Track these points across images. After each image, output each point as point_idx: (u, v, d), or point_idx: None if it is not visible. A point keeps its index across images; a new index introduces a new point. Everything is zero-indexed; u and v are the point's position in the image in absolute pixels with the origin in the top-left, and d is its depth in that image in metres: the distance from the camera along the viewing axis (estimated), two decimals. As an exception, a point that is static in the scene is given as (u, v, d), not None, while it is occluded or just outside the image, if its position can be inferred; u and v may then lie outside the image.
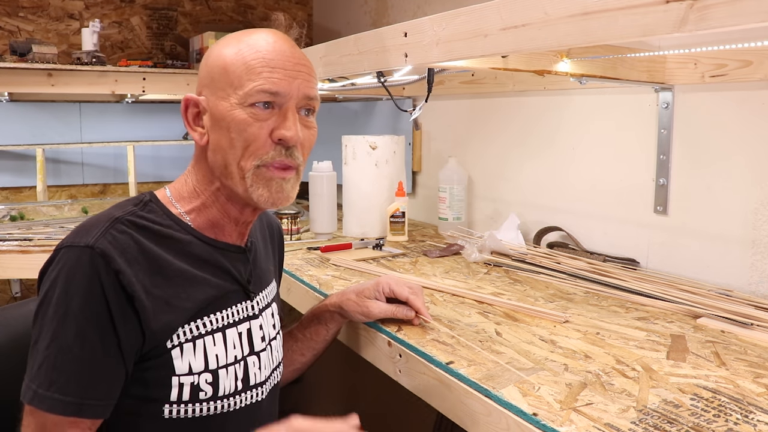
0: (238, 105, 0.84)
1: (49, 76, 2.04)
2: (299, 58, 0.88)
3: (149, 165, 2.54)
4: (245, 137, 0.84)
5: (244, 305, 0.92)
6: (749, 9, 0.57)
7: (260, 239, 1.03)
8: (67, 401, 0.74)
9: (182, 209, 0.89)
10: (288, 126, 0.84)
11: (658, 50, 1.27)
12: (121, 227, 0.81)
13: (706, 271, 1.33)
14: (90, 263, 0.76)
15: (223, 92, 0.85)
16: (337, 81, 1.73)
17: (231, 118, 0.84)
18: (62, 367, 0.75)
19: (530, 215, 1.75)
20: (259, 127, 0.84)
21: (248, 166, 0.85)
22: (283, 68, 0.85)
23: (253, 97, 0.83)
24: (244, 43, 0.86)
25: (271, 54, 0.85)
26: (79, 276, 0.76)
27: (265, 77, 0.83)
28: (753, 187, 1.24)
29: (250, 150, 0.84)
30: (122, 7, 2.52)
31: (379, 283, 1.06)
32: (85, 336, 0.75)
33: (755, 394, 0.80)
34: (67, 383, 0.75)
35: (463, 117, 2.00)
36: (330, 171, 1.85)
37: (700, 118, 1.33)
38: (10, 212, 2.02)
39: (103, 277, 0.76)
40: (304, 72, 0.87)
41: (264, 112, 0.84)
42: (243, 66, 0.84)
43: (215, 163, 0.87)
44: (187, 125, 0.90)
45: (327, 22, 2.84)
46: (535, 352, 0.93)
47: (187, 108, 0.89)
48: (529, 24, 0.81)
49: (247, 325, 0.91)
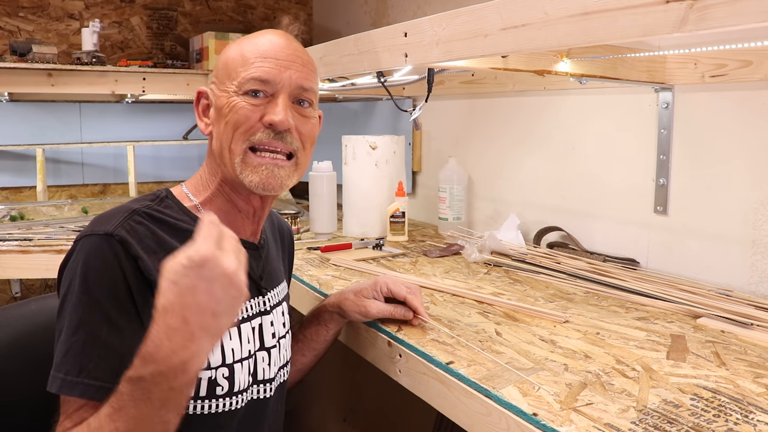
0: (234, 93, 0.87)
1: (49, 76, 2.04)
2: (295, 50, 0.90)
3: (149, 165, 2.54)
4: (236, 119, 0.87)
5: (256, 300, 0.93)
6: (749, 9, 0.57)
7: (271, 239, 1.05)
8: (98, 386, 0.73)
9: (197, 201, 0.91)
10: (276, 111, 0.86)
11: (658, 50, 1.27)
12: (138, 218, 0.83)
13: (706, 271, 1.33)
14: (110, 250, 0.78)
15: (223, 84, 0.89)
16: (337, 81, 1.73)
17: (228, 106, 0.88)
18: (90, 353, 0.74)
19: (530, 215, 1.75)
20: (250, 110, 0.87)
21: (238, 149, 0.87)
22: (275, 58, 0.88)
23: (246, 85, 0.87)
24: (246, 41, 0.91)
25: (266, 46, 0.89)
26: (99, 262, 0.77)
27: (257, 66, 0.87)
28: (753, 187, 1.24)
29: (240, 131, 0.87)
30: (122, 7, 2.52)
31: (377, 282, 1.06)
32: (110, 320, 0.76)
33: (755, 394, 0.80)
34: (96, 368, 0.74)
35: (463, 117, 2.00)
36: (330, 171, 1.85)
37: (700, 118, 1.33)
38: (10, 212, 2.02)
39: (124, 263, 0.78)
40: (298, 63, 0.89)
41: (256, 99, 0.87)
42: (240, 59, 0.88)
43: (216, 150, 0.90)
44: (197, 116, 0.95)
45: (327, 22, 2.84)
46: (535, 352, 0.93)
47: (199, 100, 0.94)
48: (529, 24, 0.81)
49: (259, 320, 0.93)
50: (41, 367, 0.87)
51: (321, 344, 1.12)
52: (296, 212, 1.86)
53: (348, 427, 2.18)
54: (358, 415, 2.16)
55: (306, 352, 1.11)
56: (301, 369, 1.12)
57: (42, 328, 1.03)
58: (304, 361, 1.12)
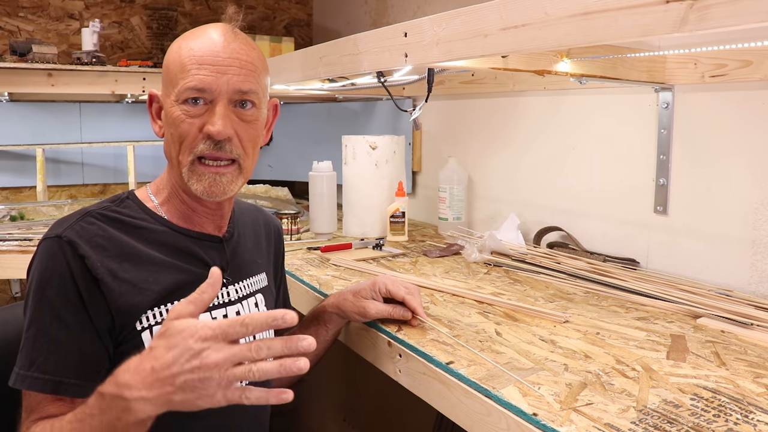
0: (175, 102, 0.89)
1: (49, 76, 2.04)
2: (234, 51, 0.89)
3: (149, 165, 2.54)
4: (179, 133, 0.89)
5: (221, 291, 0.94)
6: (749, 9, 0.57)
7: (250, 234, 1.07)
8: (46, 379, 0.79)
9: (157, 202, 0.95)
10: (213, 121, 0.88)
11: (658, 50, 1.27)
12: (90, 219, 0.88)
13: (706, 271, 1.33)
14: (60, 250, 0.83)
15: (166, 89, 0.91)
16: (337, 81, 1.73)
17: (170, 115, 0.90)
18: (40, 348, 0.80)
19: (530, 215, 1.75)
20: (190, 124, 0.88)
21: (184, 161, 0.90)
22: (211, 64, 0.88)
23: (183, 94, 0.88)
24: (185, 40, 0.91)
25: (202, 50, 0.88)
26: (50, 263, 0.83)
27: (193, 74, 0.87)
28: (753, 187, 1.24)
29: (184, 145, 0.89)
30: (122, 7, 2.52)
31: (376, 282, 1.06)
32: (59, 317, 0.81)
33: (755, 394, 0.80)
34: (45, 362, 0.79)
35: (463, 117, 2.00)
36: (330, 171, 1.85)
37: (700, 118, 1.33)
38: (10, 212, 2.02)
39: (71, 262, 0.83)
40: (236, 66, 0.89)
41: (195, 108, 0.88)
42: (178, 64, 0.89)
43: (167, 155, 0.94)
44: (151, 118, 0.97)
45: (327, 22, 2.84)
46: (535, 352, 0.93)
47: (152, 102, 0.96)
48: (529, 24, 0.81)
49: (223, 311, 0.95)
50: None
51: (320, 344, 1.11)
52: (296, 212, 1.86)
53: (348, 427, 2.18)
54: (358, 415, 2.16)
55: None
56: (301, 369, 1.12)
57: (42, 328, 1.03)
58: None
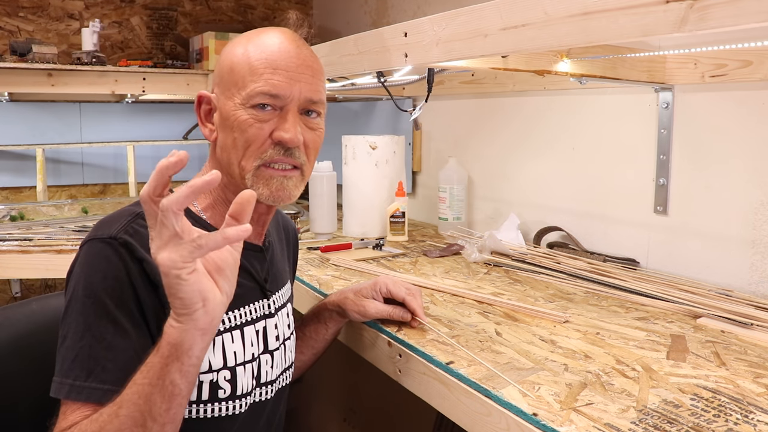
0: (241, 105, 0.85)
1: (49, 76, 2.04)
2: (305, 59, 0.87)
3: (149, 165, 2.54)
4: (246, 138, 0.85)
5: (261, 303, 0.93)
6: (749, 9, 0.57)
7: (276, 240, 1.04)
8: (106, 389, 0.73)
9: (199, 207, 0.89)
10: (287, 128, 0.85)
11: (658, 50, 1.27)
12: (141, 222, 0.80)
13: (706, 271, 1.33)
14: (115, 253, 0.77)
15: (229, 92, 0.86)
16: (337, 81, 1.73)
17: (234, 118, 0.85)
18: (98, 356, 0.74)
19: (530, 215, 1.75)
20: (259, 128, 0.85)
21: (249, 166, 0.86)
22: (285, 70, 0.85)
23: (254, 98, 0.84)
24: (252, 42, 0.87)
25: (275, 55, 0.85)
26: (104, 265, 0.77)
27: (266, 79, 0.84)
28: (753, 187, 1.24)
29: (251, 150, 0.85)
30: (122, 7, 2.52)
31: (377, 283, 1.06)
32: (116, 322, 0.75)
33: (755, 394, 0.80)
34: (103, 371, 0.74)
35: (463, 117, 2.00)
36: (330, 171, 1.85)
37: (700, 118, 1.33)
38: (10, 212, 2.02)
39: (129, 265, 0.77)
40: (308, 74, 0.87)
41: (264, 114, 0.85)
42: (247, 66, 0.85)
43: (222, 160, 0.88)
44: (200, 121, 0.92)
45: (327, 22, 2.84)
46: (535, 352, 0.93)
47: (200, 104, 0.91)
48: (529, 24, 0.81)
49: (263, 323, 0.92)
50: (42, 367, 0.87)
51: (320, 343, 1.12)
52: (296, 212, 1.86)
53: (348, 427, 2.18)
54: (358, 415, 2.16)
55: (305, 350, 1.12)
56: (300, 367, 1.12)
57: (43, 327, 1.03)
58: (302, 359, 1.12)
